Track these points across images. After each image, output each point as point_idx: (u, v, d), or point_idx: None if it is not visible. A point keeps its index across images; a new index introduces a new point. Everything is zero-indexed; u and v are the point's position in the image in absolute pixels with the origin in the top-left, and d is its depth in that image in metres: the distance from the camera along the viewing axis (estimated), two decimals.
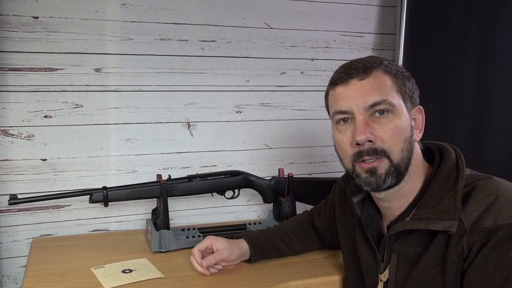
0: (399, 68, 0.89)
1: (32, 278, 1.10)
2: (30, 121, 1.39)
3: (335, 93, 0.89)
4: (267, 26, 1.59)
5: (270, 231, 1.24)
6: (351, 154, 0.87)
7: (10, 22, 1.34)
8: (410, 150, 0.86)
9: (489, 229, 0.77)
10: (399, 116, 0.85)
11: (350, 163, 0.89)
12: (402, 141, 0.85)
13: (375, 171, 0.85)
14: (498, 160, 1.61)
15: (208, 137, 1.57)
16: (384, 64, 0.88)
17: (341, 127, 0.89)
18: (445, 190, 0.84)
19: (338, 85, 0.89)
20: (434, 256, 0.84)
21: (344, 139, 0.88)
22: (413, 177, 0.88)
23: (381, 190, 0.88)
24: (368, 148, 0.84)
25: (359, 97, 0.85)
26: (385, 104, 0.84)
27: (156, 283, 1.09)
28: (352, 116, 0.86)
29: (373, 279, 0.97)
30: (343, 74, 0.88)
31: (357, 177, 0.88)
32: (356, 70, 0.87)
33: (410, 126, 0.87)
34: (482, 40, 1.60)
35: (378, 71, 0.86)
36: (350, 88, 0.87)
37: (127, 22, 1.44)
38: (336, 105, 0.89)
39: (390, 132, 0.84)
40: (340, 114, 0.88)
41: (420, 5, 1.63)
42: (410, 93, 0.88)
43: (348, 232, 1.08)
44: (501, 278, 0.76)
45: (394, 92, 0.86)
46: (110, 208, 1.46)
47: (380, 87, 0.85)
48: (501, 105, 1.61)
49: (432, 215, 0.83)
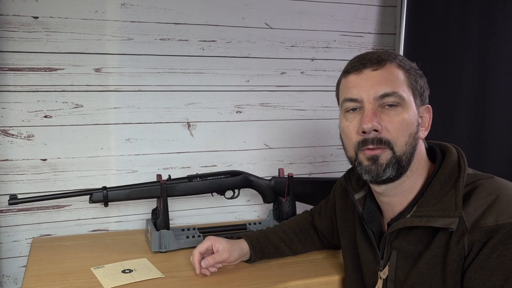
0: (413, 65, 0.90)
1: (32, 278, 1.10)
2: (30, 121, 1.39)
3: (347, 80, 0.90)
4: (267, 26, 1.59)
5: (270, 231, 1.24)
6: (356, 141, 0.87)
7: (10, 22, 1.34)
8: (414, 146, 0.87)
9: (490, 228, 0.77)
10: (407, 110, 0.86)
11: (353, 151, 0.89)
12: (407, 135, 0.85)
13: (376, 159, 0.85)
14: (498, 161, 1.61)
15: (208, 137, 1.57)
16: (399, 58, 0.89)
17: (349, 115, 0.89)
18: (446, 188, 0.85)
19: (351, 74, 0.89)
20: (435, 254, 0.84)
21: (350, 127, 0.89)
22: (414, 173, 0.89)
23: (381, 182, 0.88)
24: (374, 137, 0.85)
25: (370, 87, 0.86)
26: (395, 97, 0.85)
27: (156, 283, 1.09)
28: (362, 105, 0.87)
29: (373, 276, 0.97)
30: (357, 64, 0.89)
31: (358, 165, 0.88)
32: (370, 61, 0.87)
33: (416, 122, 0.87)
34: (482, 40, 1.60)
35: (392, 64, 0.87)
36: (362, 77, 0.87)
37: (127, 22, 1.44)
38: (347, 93, 0.89)
39: (397, 124, 0.85)
40: (349, 101, 0.89)
41: (420, 5, 1.63)
42: (421, 91, 0.89)
43: (348, 229, 1.08)
44: (502, 277, 0.76)
45: (406, 86, 0.87)
46: (110, 208, 1.46)
47: (392, 80, 0.86)
48: (501, 105, 1.61)
49: (433, 212, 0.83)
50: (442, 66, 1.61)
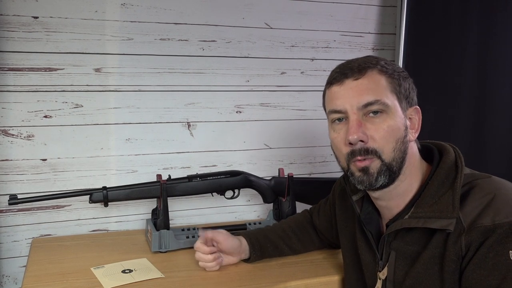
0: (396, 68, 0.89)
1: (32, 278, 1.10)
2: (30, 121, 1.39)
3: (331, 92, 0.90)
4: (267, 26, 1.59)
5: (269, 230, 1.24)
6: (345, 153, 0.88)
7: (10, 22, 1.33)
8: (403, 150, 0.86)
9: (487, 228, 0.77)
10: (392, 116, 0.85)
11: (345, 162, 0.89)
12: (394, 141, 0.85)
13: (367, 170, 0.86)
14: (498, 161, 1.61)
15: (208, 137, 1.57)
16: (380, 64, 0.88)
17: (336, 126, 0.90)
18: (443, 188, 0.85)
19: (334, 85, 0.89)
20: (432, 255, 0.84)
21: (338, 138, 0.89)
22: (408, 176, 0.89)
23: (374, 189, 0.88)
24: (360, 148, 0.85)
25: (353, 97, 0.86)
26: (378, 104, 0.85)
27: (156, 283, 1.09)
28: (346, 115, 0.87)
29: (372, 277, 0.97)
30: (338, 74, 0.89)
31: (351, 175, 0.89)
32: (351, 70, 0.87)
33: (404, 126, 0.87)
34: (482, 40, 1.60)
35: (373, 71, 0.87)
36: (344, 87, 0.87)
37: (127, 22, 1.44)
38: (331, 104, 0.90)
39: (383, 132, 0.85)
40: (335, 113, 0.89)
41: (420, 5, 1.63)
42: (406, 93, 0.88)
43: (348, 230, 1.08)
44: (499, 277, 0.76)
45: (389, 92, 0.86)
46: (110, 208, 1.46)
47: (374, 88, 0.86)
48: (501, 105, 1.61)
49: (430, 213, 0.84)
50: (442, 66, 1.61)
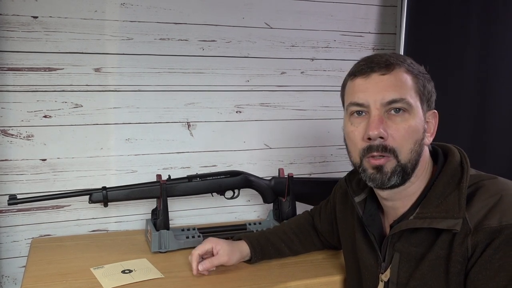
0: (421, 69, 0.88)
1: (31, 279, 1.10)
2: (29, 121, 1.39)
3: (354, 84, 0.88)
4: (267, 26, 1.59)
5: (270, 232, 1.24)
6: (361, 148, 0.86)
7: (10, 21, 1.33)
8: (419, 153, 0.86)
9: (494, 229, 0.77)
10: (414, 117, 0.84)
11: (358, 157, 0.88)
12: (413, 142, 0.84)
13: (381, 168, 0.85)
14: (499, 161, 1.61)
15: (208, 137, 1.57)
16: (407, 63, 0.87)
17: (355, 119, 0.88)
18: (449, 189, 0.84)
19: (358, 77, 0.87)
20: (438, 256, 0.83)
21: (356, 132, 0.87)
22: (419, 178, 0.88)
23: (385, 188, 0.87)
24: (378, 144, 0.84)
25: (377, 92, 0.84)
26: (402, 103, 0.84)
27: (156, 284, 1.09)
28: (368, 110, 0.85)
29: (374, 279, 0.97)
30: (364, 67, 0.87)
31: (363, 172, 0.87)
32: (378, 65, 0.86)
33: (423, 129, 0.86)
34: (482, 40, 1.60)
35: (401, 69, 0.85)
36: (370, 81, 0.86)
37: (127, 22, 1.44)
38: (353, 97, 0.88)
39: (403, 132, 0.84)
40: (355, 106, 0.87)
41: (420, 5, 1.63)
42: (428, 96, 0.88)
43: (349, 232, 1.07)
44: (506, 278, 0.75)
45: (413, 92, 0.85)
46: (109, 208, 1.45)
47: (400, 85, 0.84)
48: (501, 105, 1.61)
49: (436, 214, 0.83)
50: (442, 66, 1.61)
